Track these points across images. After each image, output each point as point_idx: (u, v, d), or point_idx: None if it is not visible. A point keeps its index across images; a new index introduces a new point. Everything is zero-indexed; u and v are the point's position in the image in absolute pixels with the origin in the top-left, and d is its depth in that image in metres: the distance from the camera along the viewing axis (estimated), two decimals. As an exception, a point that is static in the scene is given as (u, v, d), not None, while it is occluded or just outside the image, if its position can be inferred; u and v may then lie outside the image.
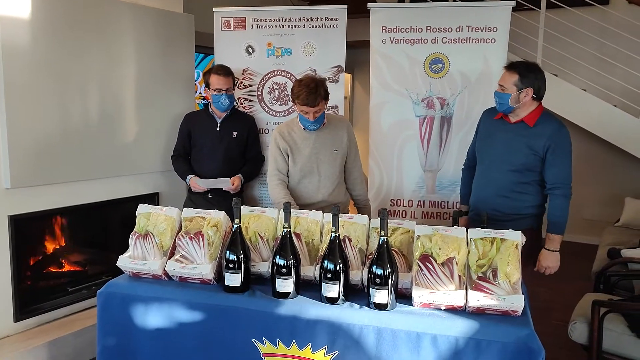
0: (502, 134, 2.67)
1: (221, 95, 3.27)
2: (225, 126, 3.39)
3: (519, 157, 2.60)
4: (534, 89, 2.55)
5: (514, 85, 2.55)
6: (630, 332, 2.71)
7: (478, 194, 2.77)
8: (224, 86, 3.26)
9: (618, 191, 5.76)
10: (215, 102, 3.30)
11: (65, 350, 2.96)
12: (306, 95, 2.70)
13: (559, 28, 5.44)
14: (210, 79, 3.28)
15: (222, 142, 3.38)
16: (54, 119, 3.01)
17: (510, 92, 2.56)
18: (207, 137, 3.38)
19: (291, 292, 2.01)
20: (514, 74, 2.56)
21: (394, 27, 3.60)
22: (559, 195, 2.57)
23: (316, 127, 2.85)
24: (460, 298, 1.87)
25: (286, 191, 2.89)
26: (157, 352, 2.11)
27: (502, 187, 2.65)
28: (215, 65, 3.42)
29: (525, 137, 2.59)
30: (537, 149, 2.56)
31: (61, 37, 3.01)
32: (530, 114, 2.60)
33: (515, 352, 1.76)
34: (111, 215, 3.55)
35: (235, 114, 3.48)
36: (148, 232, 2.21)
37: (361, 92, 7.61)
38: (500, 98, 2.61)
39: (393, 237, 2.11)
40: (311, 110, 2.75)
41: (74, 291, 3.30)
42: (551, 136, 2.54)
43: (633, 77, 5.17)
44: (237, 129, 3.42)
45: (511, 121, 2.65)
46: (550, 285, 4.56)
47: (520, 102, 2.57)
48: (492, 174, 2.69)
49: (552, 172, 2.57)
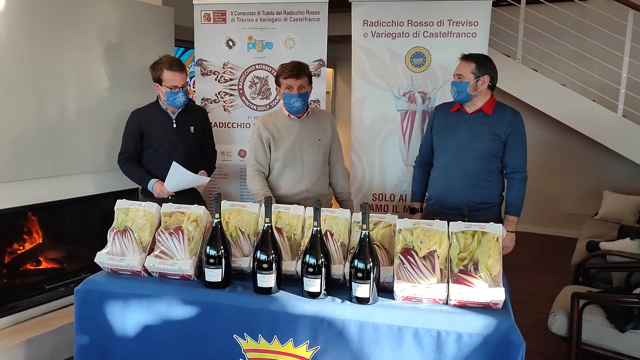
0: (463, 124, 2.74)
1: (177, 92, 2.97)
2: (181, 122, 3.10)
3: (484, 143, 2.69)
4: (490, 77, 2.67)
5: (472, 74, 2.65)
6: (609, 323, 2.75)
7: (446, 185, 2.79)
8: (180, 83, 2.96)
9: (597, 185, 5.83)
10: (170, 99, 3.00)
11: (42, 349, 2.91)
12: (290, 67, 2.79)
13: (539, 23, 5.49)
14: (164, 75, 2.94)
15: (180, 139, 3.07)
16: (29, 114, 2.95)
17: (468, 80, 2.65)
18: (163, 136, 3.05)
19: (273, 287, 2.00)
20: (470, 62, 2.67)
21: (375, 21, 3.59)
22: (518, 179, 2.71)
23: (301, 104, 2.83)
24: (441, 291, 1.87)
25: (264, 182, 2.89)
26: (136, 349, 2.08)
27: (471, 176, 2.71)
28: (166, 59, 2.99)
29: (487, 124, 2.69)
30: (500, 134, 2.67)
31: (36, 30, 2.94)
32: (486, 104, 2.71)
33: (497, 344, 1.77)
34: (90, 211, 3.49)
35: (189, 108, 3.16)
36: (127, 227, 2.18)
37: (343, 87, 7.61)
38: (458, 87, 2.69)
39: (375, 231, 2.10)
40: (295, 84, 2.77)
41: (52, 289, 3.24)
42: (511, 123, 2.67)
43: (611, 73, 5.23)
44: (193, 123, 3.15)
45: (468, 112, 2.74)
46: (530, 278, 4.62)
47: (478, 89, 2.67)
48: (459, 163, 2.74)
49: (512, 157, 2.70)
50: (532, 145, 3.03)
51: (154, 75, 3.00)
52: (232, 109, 3.83)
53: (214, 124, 3.83)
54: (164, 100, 3.04)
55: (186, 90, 3.04)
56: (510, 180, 2.72)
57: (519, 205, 2.71)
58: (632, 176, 5.63)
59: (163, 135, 3.06)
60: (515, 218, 2.71)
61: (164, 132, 3.07)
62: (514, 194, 2.71)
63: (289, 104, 2.84)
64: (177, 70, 2.96)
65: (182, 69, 3.00)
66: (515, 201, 2.70)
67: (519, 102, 5.44)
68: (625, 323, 2.70)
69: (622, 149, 5.22)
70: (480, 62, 2.66)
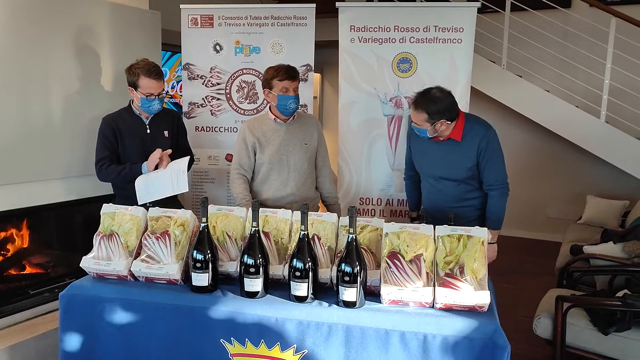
0: (437, 152, 2.72)
1: (153, 100, 2.87)
2: (154, 127, 3.02)
3: (460, 172, 2.69)
4: (446, 118, 2.58)
5: (427, 122, 2.58)
6: (593, 326, 2.78)
7: (432, 202, 2.83)
8: (156, 90, 2.87)
9: (580, 189, 5.90)
10: (144, 106, 2.90)
11: (27, 355, 2.87)
12: (286, 69, 2.79)
13: (523, 30, 5.55)
14: (140, 81, 2.83)
15: (154, 144, 2.95)
16: (13, 117, 2.92)
17: (426, 128, 2.60)
18: (137, 142, 2.97)
19: (260, 292, 2.00)
20: (422, 112, 2.56)
21: (362, 27, 3.61)
22: (495, 195, 2.69)
23: (297, 105, 2.84)
24: (428, 295, 1.88)
25: (245, 185, 2.90)
26: (122, 354, 2.07)
27: (453, 199, 2.74)
28: (144, 64, 2.87)
29: (458, 152, 2.66)
30: (472, 159, 2.65)
31: (22, 33, 2.91)
32: (454, 130, 2.65)
33: (482, 347, 1.79)
34: (75, 216, 3.46)
35: (161, 112, 3.04)
36: (113, 232, 2.16)
37: (330, 93, 7.63)
38: (419, 132, 2.66)
39: (362, 235, 2.11)
40: (292, 86, 2.78)
41: (36, 294, 3.20)
42: (480, 142, 2.62)
43: (594, 79, 5.30)
44: (167, 127, 3.08)
45: (440, 139, 2.69)
46: (515, 282, 4.66)
47: (438, 131, 2.61)
48: (439, 191, 2.78)
49: (487, 174, 2.67)
50: (517, 151, 3.07)
51: (129, 79, 2.90)
52: (219, 114, 3.83)
53: (201, 128, 3.83)
54: (138, 106, 2.95)
55: (162, 97, 2.95)
56: (488, 196, 2.71)
57: (499, 219, 2.71)
58: (615, 181, 5.71)
59: (136, 142, 2.99)
60: (496, 232, 2.71)
61: (138, 138, 2.99)
62: (492, 209, 2.70)
63: (284, 105, 2.82)
64: (155, 77, 2.86)
65: (160, 76, 2.90)
66: (494, 217, 2.70)
67: (503, 107, 5.50)
68: (608, 326, 2.73)
69: (605, 154, 5.29)
70: (430, 112, 2.54)
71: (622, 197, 5.31)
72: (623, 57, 5.09)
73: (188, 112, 3.83)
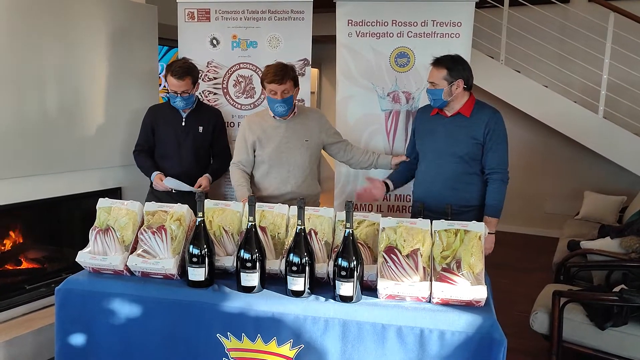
0: (442, 128, 2.73)
1: (176, 97, 3.10)
2: (190, 121, 3.24)
3: (463, 147, 2.67)
4: (464, 80, 2.63)
5: (444, 80, 2.62)
6: (589, 321, 2.79)
7: (427, 188, 2.80)
8: (178, 89, 3.07)
9: (578, 185, 5.91)
10: (171, 101, 3.16)
11: (23, 350, 2.87)
12: (274, 72, 2.73)
13: (522, 25, 5.54)
14: (167, 78, 3.08)
15: (187, 137, 3.22)
16: (9, 112, 2.90)
17: (442, 87, 2.62)
18: (171, 132, 3.22)
19: (256, 286, 1.99)
20: (442, 69, 2.62)
21: (359, 21, 3.59)
22: (497, 180, 2.67)
23: (284, 109, 2.81)
24: (424, 289, 1.88)
25: (243, 174, 2.90)
26: (118, 349, 2.06)
27: (450, 179, 2.71)
28: (174, 63, 3.15)
29: (465, 127, 2.67)
30: (478, 136, 2.65)
31: (18, 28, 2.90)
32: (464, 105, 2.68)
33: (479, 342, 1.79)
34: (72, 211, 3.45)
35: (201, 108, 3.32)
36: (109, 226, 2.16)
37: (328, 87, 7.62)
38: (433, 94, 2.67)
39: (358, 230, 2.11)
40: (279, 89, 2.73)
41: (32, 289, 3.19)
42: (489, 122, 2.64)
43: (592, 74, 5.30)
44: (202, 123, 3.27)
45: (447, 115, 2.72)
46: (512, 277, 4.66)
47: (453, 94, 2.64)
48: (438, 167, 2.74)
49: (491, 157, 2.66)
50: (515, 146, 3.06)
51: (164, 73, 3.13)
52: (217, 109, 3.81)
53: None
54: None
55: (187, 96, 3.12)
56: (489, 180, 2.68)
57: (498, 206, 2.66)
58: (612, 176, 5.72)
59: (171, 132, 3.22)
60: (494, 219, 2.66)
61: (172, 129, 3.22)
62: (491, 195, 2.66)
63: (272, 108, 2.83)
64: (175, 77, 3.04)
65: (182, 76, 3.05)
66: (493, 202, 2.66)
67: (501, 102, 5.49)
68: (605, 321, 2.73)
69: (602, 150, 5.30)
70: (452, 67, 2.61)
71: (620, 192, 5.31)
72: (621, 52, 5.09)
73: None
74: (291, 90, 2.79)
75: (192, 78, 3.12)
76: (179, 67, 3.07)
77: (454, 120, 2.70)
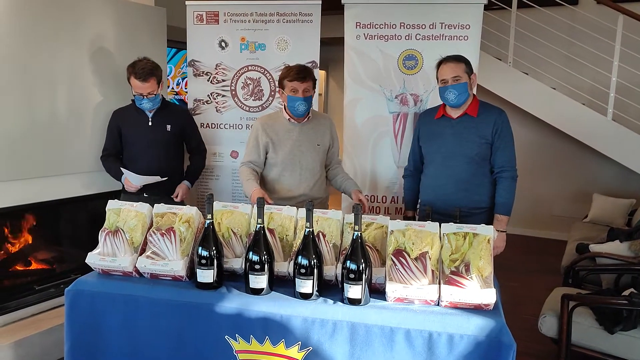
0: (450, 130, 2.74)
1: (142, 99, 3.05)
2: (157, 120, 3.17)
3: (473, 147, 2.68)
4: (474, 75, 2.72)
5: (466, 73, 2.66)
6: (598, 325, 2.78)
7: (436, 191, 2.78)
8: (144, 91, 3.02)
9: (586, 188, 5.88)
10: (137, 102, 3.11)
11: (32, 350, 2.89)
12: (297, 70, 2.76)
13: (530, 27, 5.53)
14: (131, 80, 3.02)
15: (155, 137, 3.15)
16: (20, 114, 2.93)
17: (465, 80, 2.65)
18: (139, 134, 3.16)
19: (265, 289, 2.00)
20: (461, 63, 2.67)
21: (367, 23, 3.59)
22: (507, 178, 2.69)
23: (305, 107, 2.80)
24: (433, 292, 1.88)
25: (254, 173, 2.85)
26: (127, 350, 2.07)
27: (462, 180, 2.70)
28: (136, 64, 3.02)
29: (473, 127, 2.68)
30: (487, 136, 2.67)
31: (26, 30, 2.92)
32: (470, 106, 2.71)
33: (487, 346, 1.78)
34: (81, 212, 3.47)
35: (167, 108, 3.23)
36: (118, 228, 2.17)
37: (335, 90, 7.63)
38: (458, 89, 2.65)
39: (367, 232, 2.11)
40: (301, 87, 2.74)
41: (41, 290, 3.22)
42: (497, 121, 2.67)
43: (601, 76, 5.28)
44: (170, 122, 3.20)
45: (454, 117, 2.73)
46: (520, 280, 4.65)
47: (472, 87, 2.69)
48: (449, 169, 2.73)
49: (500, 156, 2.68)
50: (522, 148, 3.05)
51: (127, 75, 3.07)
52: (224, 110, 3.83)
53: (206, 125, 3.83)
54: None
55: (152, 97, 3.07)
56: (499, 179, 2.69)
57: (509, 204, 2.68)
58: (621, 179, 5.69)
59: (138, 134, 3.16)
60: (505, 217, 2.68)
61: (139, 130, 3.16)
62: (502, 193, 2.68)
63: (292, 107, 2.81)
64: (140, 79, 2.98)
65: (146, 78, 3.00)
66: (504, 200, 2.67)
67: (509, 105, 5.47)
68: (614, 325, 2.72)
69: (611, 152, 5.27)
70: (467, 62, 2.68)
71: (629, 195, 5.28)
72: (630, 54, 5.07)
73: (193, 109, 3.83)
74: (311, 90, 2.81)
75: (156, 78, 3.07)
76: (141, 68, 2.99)
77: (462, 121, 2.71)
